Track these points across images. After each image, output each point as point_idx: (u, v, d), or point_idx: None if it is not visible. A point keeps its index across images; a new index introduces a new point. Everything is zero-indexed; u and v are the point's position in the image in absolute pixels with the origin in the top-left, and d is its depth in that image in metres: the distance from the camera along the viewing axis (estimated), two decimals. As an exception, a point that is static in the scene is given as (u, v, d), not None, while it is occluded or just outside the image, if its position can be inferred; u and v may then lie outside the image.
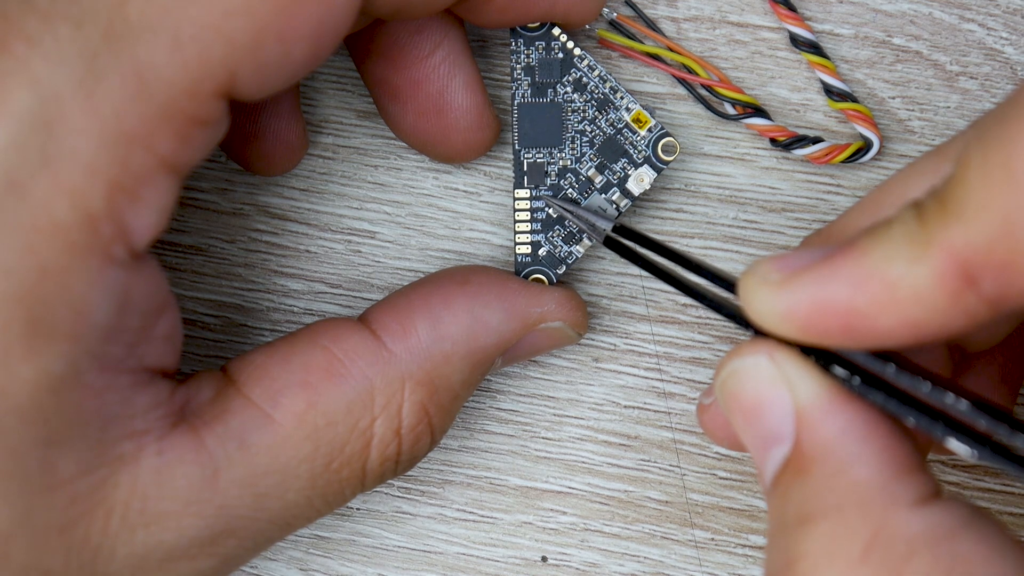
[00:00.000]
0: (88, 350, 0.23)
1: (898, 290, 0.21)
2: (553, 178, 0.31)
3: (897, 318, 0.21)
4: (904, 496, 0.22)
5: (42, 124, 0.22)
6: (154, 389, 0.25)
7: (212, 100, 0.23)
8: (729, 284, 0.25)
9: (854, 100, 0.32)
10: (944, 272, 0.20)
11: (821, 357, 0.23)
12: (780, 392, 0.23)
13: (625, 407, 0.33)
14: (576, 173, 0.31)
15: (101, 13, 0.22)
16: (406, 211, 0.33)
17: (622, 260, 0.28)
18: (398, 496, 0.34)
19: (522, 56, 0.31)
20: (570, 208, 0.30)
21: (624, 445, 0.33)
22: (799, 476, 0.23)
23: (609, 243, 0.29)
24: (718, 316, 0.25)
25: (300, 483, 0.26)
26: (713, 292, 0.26)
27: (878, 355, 0.23)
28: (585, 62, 0.31)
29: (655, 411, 0.33)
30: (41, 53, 0.22)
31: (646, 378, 0.33)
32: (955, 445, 0.22)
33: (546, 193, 0.31)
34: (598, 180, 0.31)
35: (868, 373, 0.23)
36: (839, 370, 0.23)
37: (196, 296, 0.34)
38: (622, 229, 0.29)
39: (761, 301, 0.23)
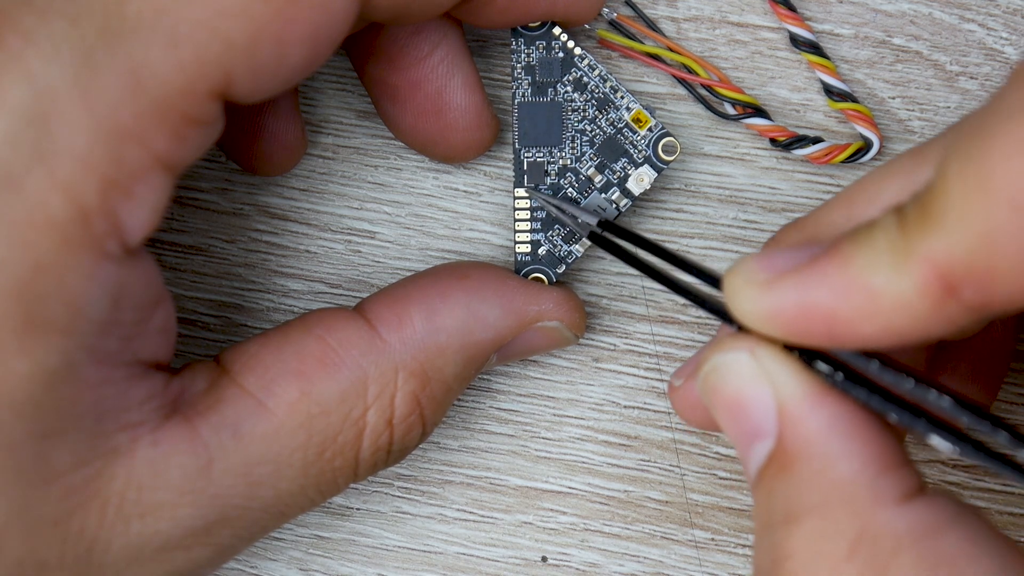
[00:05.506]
0: (83, 344, 0.23)
1: (880, 299, 0.21)
2: (553, 177, 0.31)
3: (879, 325, 0.21)
4: (889, 493, 0.22)
5: (37, 119, 0.22)
6: (148, 382, 0.25)
7: (207, 100, 0.23)
8: (714, 280, 0.25)
9: (854, 100, 0.32)
10: (926, 282, 0.20)
11: (804, 353, 0.24)
12: (762, 388, 0.23)
13: (625, 407, 0.33)
14: (576, 172, 0.31)
15: (97, 10, 0.22)
16: (406, 211, 0.33)
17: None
18: (398, 496, 0.34)
19: (522, 55, 0.31)
20: (554, 202, 0.30)
21: (624, 445, 0.33)
22: (783, 472, 0.23)
23: (594, 238, 0.29)
24: (703, 311, 0.26)
25: (293, 472, 0.27)
26: (698, 288, 0.26)
27: (861, 352, 0.23)
28: (585, 61, 0.31)
29: (655, 411, 0.33)
30: (37, 48, 0.22)
31: (646, 378, 0.33)
32: (937, 441, 0.22)
33: (531, 187, 0.31)
34: (598, 180, 0.31)
35: (851, 369, 0.23)
36: (822, 366, 0.23)
37: (196, 296, 0.34)
38: (608, 224, 0.29)
39: (746, 300, 0.23)
